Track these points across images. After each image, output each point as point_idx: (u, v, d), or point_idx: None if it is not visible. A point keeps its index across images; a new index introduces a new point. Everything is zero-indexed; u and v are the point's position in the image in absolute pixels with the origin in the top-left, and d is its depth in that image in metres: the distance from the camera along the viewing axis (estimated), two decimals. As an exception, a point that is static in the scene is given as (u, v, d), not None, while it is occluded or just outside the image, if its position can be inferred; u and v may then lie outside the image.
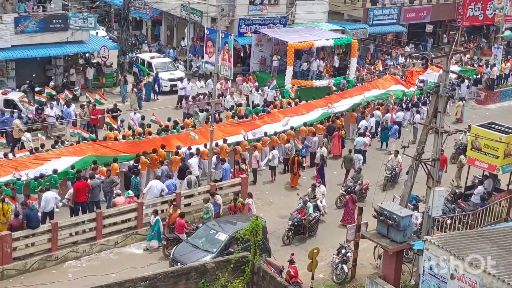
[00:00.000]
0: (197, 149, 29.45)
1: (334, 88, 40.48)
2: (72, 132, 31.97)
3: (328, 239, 25.78)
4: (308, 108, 36.22)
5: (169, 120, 33.07)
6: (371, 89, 40.18)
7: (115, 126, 32.50)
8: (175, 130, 31.74)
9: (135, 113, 34.40)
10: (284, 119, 33.89)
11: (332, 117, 35.50)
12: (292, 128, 32.99)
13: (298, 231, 25.74)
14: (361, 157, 32.37)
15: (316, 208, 26.67)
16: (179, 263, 21.86)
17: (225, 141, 30.54)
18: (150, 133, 31.29)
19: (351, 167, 31.06)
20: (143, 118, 33.62)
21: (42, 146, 28.83)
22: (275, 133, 32.53)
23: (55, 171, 25.98)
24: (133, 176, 26.95)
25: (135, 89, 39.25)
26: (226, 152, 30.07)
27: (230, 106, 36.94)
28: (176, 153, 29.09)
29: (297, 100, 37.94)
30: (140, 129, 31.57)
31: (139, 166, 27.82)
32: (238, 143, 30.97)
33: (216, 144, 29.73)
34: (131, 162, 27.97)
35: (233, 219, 24.65)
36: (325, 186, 28.58)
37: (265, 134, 32.20)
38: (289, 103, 37.40)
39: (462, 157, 31.14)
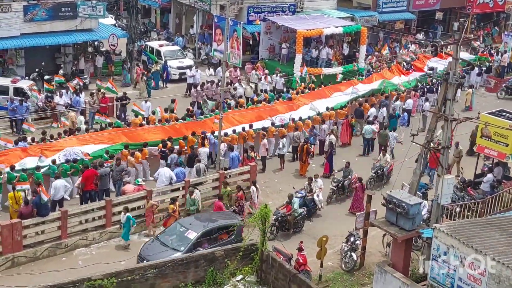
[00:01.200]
0: (225, 133, 30.01)
1: (340, 76, 40.39)
2: (97, 118, 32.48)
3: (336, 227, 25.77)
4: (332, 91, 36.87)
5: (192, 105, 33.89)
6: (391, 77, 40.61)
7: (143, 113, 32.78)
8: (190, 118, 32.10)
9: (146, 102, 34.44)
10: (310, 103, 34.40)
11: (359, 101, 35.97)
12: (300, 118, 33.09)
13: (283, 227, 24.92)
14: (396, 134, 32.81)
15: (312, 202, 26.27)
16: (145, 260, 21.26)
17: (251, 126, 31.09)
18: (177, 119, 31.77)
19: (386, 143, 31.87)
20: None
21: (65, 132, 29.59)
22: (300, 119, 33.05)
23: (67, 161, 26.20)
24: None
25: (144, 77, 39.25)
26: (235, 140, 30.21)
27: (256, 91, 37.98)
28: (203, 139, 29.58)
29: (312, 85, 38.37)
30: (153, 117, 31.88)
31: (167, 151, 28.20)
32: (264, 129, 31.37)
33: (228, 133, 30.14)
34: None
35: (208, 217, 23.91)
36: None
37: (293, 120, 32.70)
38: (308, 88, 37.75)
39: (460, 147, 30.68)
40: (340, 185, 27.86)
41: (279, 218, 24.70)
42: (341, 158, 31.84)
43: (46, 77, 37.17)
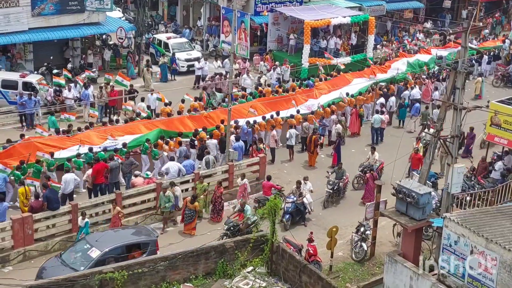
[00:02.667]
0: (247, 122, 30.59)
1: (343, 67, 40.37)
2: (124, 108, 32.83)
3: (347, 217, 25.76)
4: (352, 78, 37.54)
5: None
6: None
7: (167, 101, 33.05)
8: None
9: (151, 94, 34.46)
10: (338, 89, 35.17)
11: (379, 85, 36.52)
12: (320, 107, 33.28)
13: (235, 236, 22.86)
14: (436, 111, 32.72)
15: (302, 205, 25.35)
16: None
17: (278, 113, 31.70)
18: (205, 108, 32.32)
19: (428, 123, 31.93)
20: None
21: (91, 124, 30.27)
22: (328, 105, 33.70)
23: (77, 155, 26.38)
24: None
25: (150, 69, 39.32)
26: (263, 127, 30.72)
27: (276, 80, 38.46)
28: (236, 128, 30.02)
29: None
30: (182, 105, 32.57)
31: (196, 142, 28.66)
32: (292, 116, 31.89)
33: (256, 121, 30.88)
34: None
35: (121, 233, 22.03)
36: (340, 163, 28.53)
37: (322, 107, 33.34)
38: (330, 75, 38.33)
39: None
40: (336, 187, 27.00)
41: (231, 228, 23.27)
42: (350, 148, 31.79)
43: (55, 71, 37.22)
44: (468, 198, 23.56)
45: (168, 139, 28.36)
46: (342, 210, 26.69)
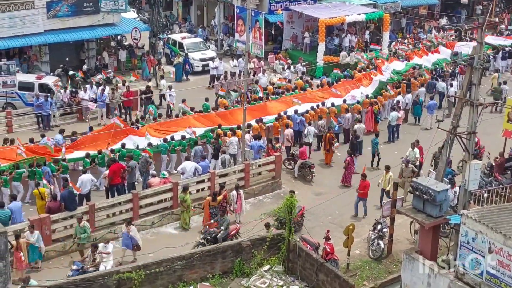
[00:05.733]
0: (296, 110, 31.67)
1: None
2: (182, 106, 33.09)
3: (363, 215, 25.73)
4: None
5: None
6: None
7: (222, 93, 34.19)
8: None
9: (170, 88, 35.06)
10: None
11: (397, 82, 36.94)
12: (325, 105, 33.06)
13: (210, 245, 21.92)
14: (507, 87, 33.13)
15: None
16: None
17: (323, 104, 32.98)
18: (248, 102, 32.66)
19: (501, 97, 32.71)
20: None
21: (154, 118, 31.17)
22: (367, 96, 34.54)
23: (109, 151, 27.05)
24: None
25: (162, 67, 39.49)
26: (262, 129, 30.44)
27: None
28: (287, 118, 31.03)
29: None
30: None
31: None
32: (333, 104, 33.17)
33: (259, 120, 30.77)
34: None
35: None
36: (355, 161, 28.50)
37: (367, 96, 34.38)
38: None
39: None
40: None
41: (208, 237, 22.52)
42: (366, 146, 31.65)
43: (71, 72, 37.42)
44: (485, 195, 23.42)
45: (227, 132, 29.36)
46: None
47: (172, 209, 25.16)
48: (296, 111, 31.51)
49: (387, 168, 26.09)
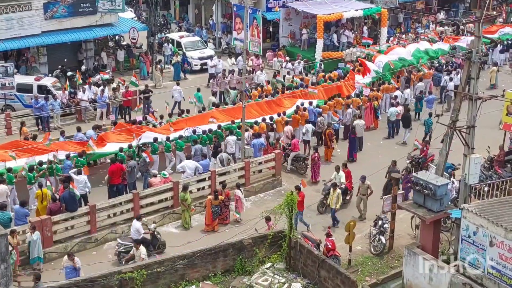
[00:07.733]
0: (310, 102, 32.12)
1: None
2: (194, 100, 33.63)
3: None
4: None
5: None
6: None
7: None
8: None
9: (178, 84, 35.59)
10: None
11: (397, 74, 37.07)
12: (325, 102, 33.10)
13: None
14: None
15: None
16: None
17: (339, 95, 33.36)
18: (266, 95, 33.28)
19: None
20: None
21: (162, 117, 31.44)
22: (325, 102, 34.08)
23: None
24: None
25: (158, 66, 39.47)
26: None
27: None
28: (304, 110, 31.38)
29: None
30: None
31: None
32: (348, 97, 33.81)
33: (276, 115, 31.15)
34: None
35: None
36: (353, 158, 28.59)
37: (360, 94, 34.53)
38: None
39: (368, 182, 25.20)
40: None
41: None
42: (366, 141, 31.67)
43: (69, 73, 37.40)
44: (486, 189, 23.43)
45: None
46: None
47: (173, 208, 25.16)
48: (310, 103, 31.86)
49: (334, 186, 24.98)
